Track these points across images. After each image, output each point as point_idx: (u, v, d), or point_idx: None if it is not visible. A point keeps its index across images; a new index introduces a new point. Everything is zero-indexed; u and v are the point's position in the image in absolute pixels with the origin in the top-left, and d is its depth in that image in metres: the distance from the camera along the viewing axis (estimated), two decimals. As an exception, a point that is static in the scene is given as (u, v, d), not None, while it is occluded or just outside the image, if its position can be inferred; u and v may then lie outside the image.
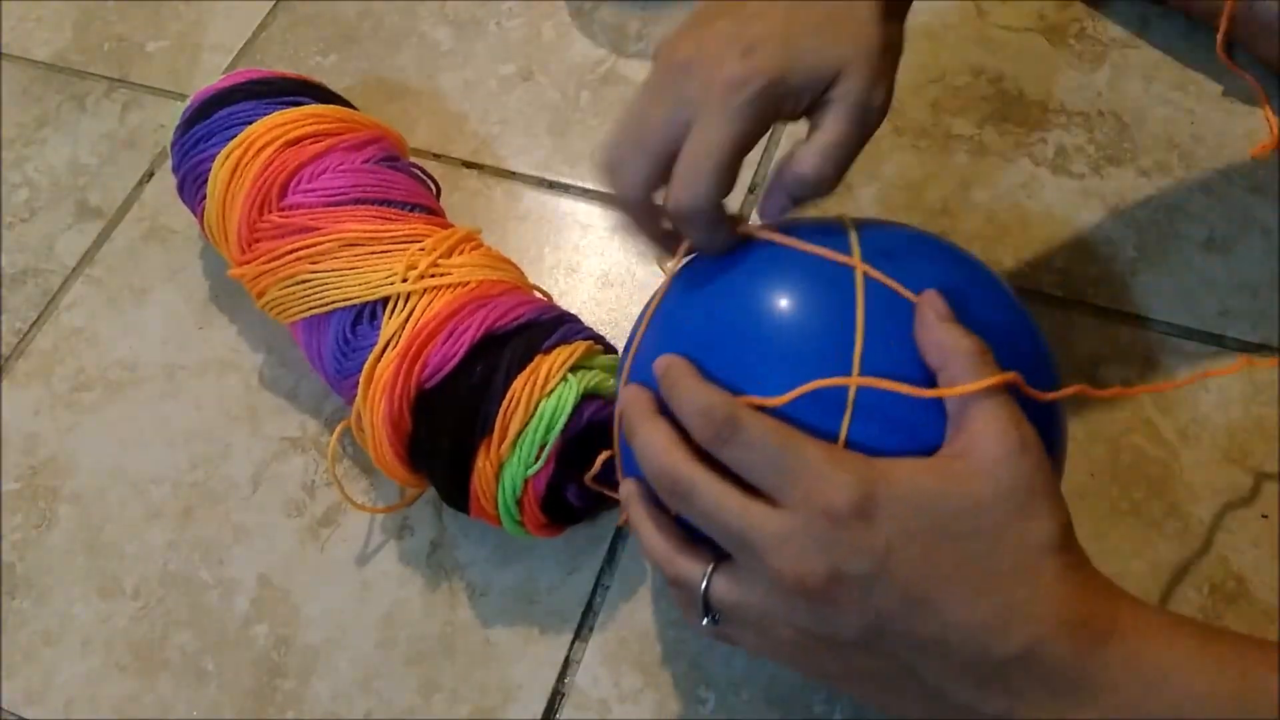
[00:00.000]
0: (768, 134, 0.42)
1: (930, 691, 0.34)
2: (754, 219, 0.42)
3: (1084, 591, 0.33)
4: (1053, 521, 0.33)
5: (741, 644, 0.38)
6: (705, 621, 0.37)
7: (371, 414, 0.47)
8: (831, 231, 0.39)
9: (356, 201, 0.52)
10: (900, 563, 0.32)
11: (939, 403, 0.35)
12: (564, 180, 0.64)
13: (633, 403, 0.38)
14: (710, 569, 0.36)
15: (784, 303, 0.37)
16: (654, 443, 0.36)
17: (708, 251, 0.40)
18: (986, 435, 0.33)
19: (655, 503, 0.38)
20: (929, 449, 0.34)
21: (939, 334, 0.35)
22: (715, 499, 0.35)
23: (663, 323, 0.41)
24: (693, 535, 0.37)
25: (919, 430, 0.35)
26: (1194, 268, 0.56)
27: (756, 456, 0.34)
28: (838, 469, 0.33)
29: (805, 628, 0.34)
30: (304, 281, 0.51)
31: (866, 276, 0.37)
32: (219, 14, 0.75)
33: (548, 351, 0.47)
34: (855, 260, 0.37)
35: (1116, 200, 0.59)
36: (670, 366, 0.37)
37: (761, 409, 0.35)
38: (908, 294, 0.36)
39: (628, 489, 0.40)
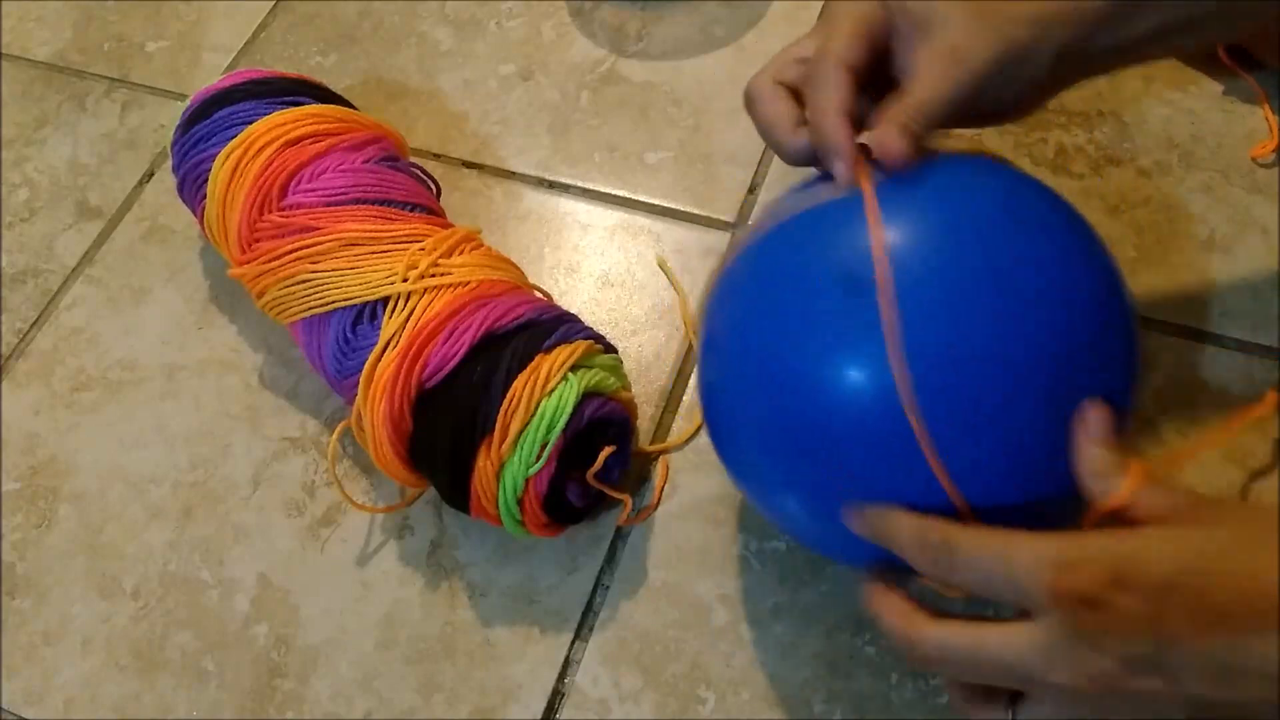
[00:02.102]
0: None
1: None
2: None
3: None
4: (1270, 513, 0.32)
5: None
6: None
7: (372, 414, 0.47)
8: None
9: (356, 201, 0.52)
10: (1176, 619, 0.30)
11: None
12: (564, 180, 0.64)
13: (873, 593, 0.38)
14: (1010, 711, 0.35)
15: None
16: (890, 622, 0.36)
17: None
18: (1154, 491, 0.33)
19: None
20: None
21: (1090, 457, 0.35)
22: (968, 650, 0.33)
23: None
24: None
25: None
26: (1194, 268, 0.56)
27: (983, 573, 0.33)
28: (1068, 553, 0.31)
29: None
30: (304, 281, 0.51)
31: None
32: (219, 14, 0.75)
33: (548, 351, 0.47)
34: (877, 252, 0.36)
35: (1116, 200, 0.59)
36: (869, 515, 0.37)
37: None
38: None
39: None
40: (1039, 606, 0.32)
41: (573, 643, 0.50)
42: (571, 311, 0.51)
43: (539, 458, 0.46)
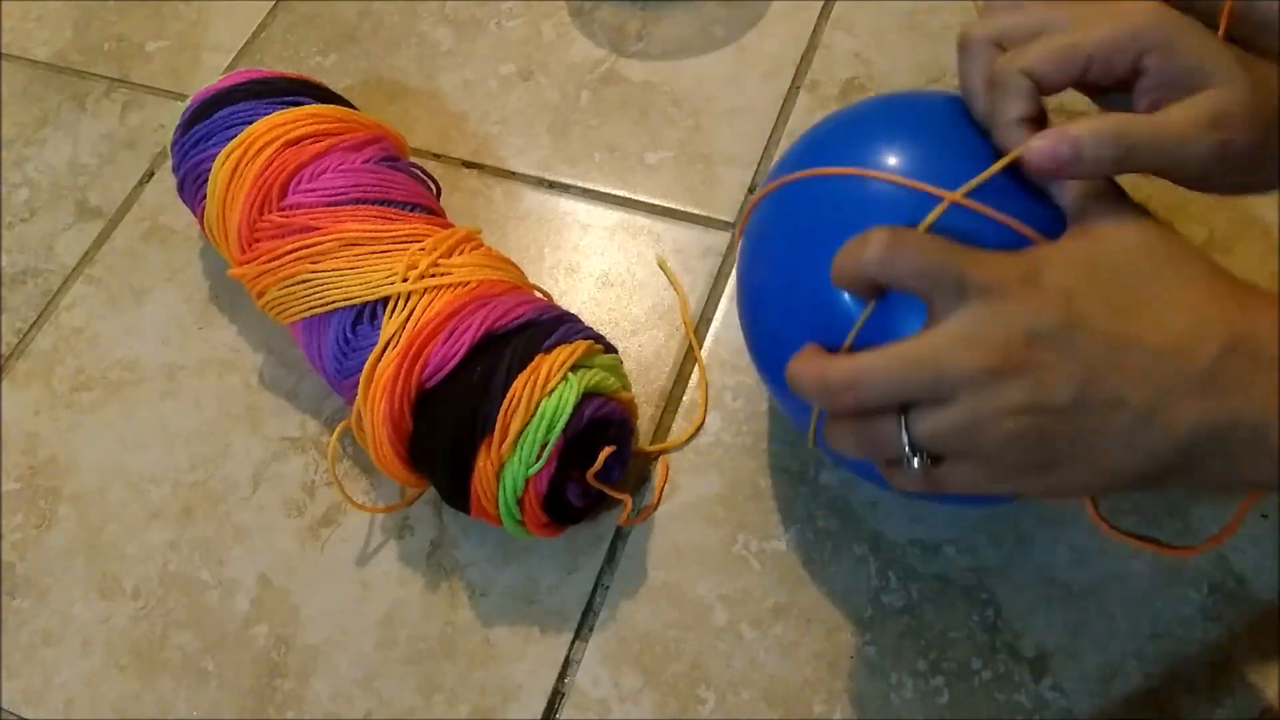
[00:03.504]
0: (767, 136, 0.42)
1: (1142, 427, 0.33)
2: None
3: (1256, 293, 0.34)
4: (1207, 256, 0.34)
5: (954, 481, 0.37)
6: (916, 464, 0.36)
7: (372, 414, 0.47)
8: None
9: (356, 201, 0.52)
10: (1085, 308, 0.33)
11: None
12: (564, 180, 0.64)
13: (789, 365, 0.38)
14: (905, 412, 0.36)
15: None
16: (805, 371, 0.37)
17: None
18: (1118, 214, 0.35)
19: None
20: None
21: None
22: (879, 361, 0.35)
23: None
24: None
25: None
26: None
27: (922, 264, 0.34)
28: (994, 255, 0.34)
29: (1018, 409, 0.33)
30: (304, 281, 0.51)
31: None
32: (219, 14, 0.75)
33: (548, 351, 0.47)
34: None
35: (1116, 200, 0.59)
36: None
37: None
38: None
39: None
40: (964, 299, 0.34)
41: (573, 643, 0.50)
42: (571, 311, 0.51)
43: (539, 458, 0.46)
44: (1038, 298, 0.34)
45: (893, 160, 0.40)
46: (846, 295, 0.39)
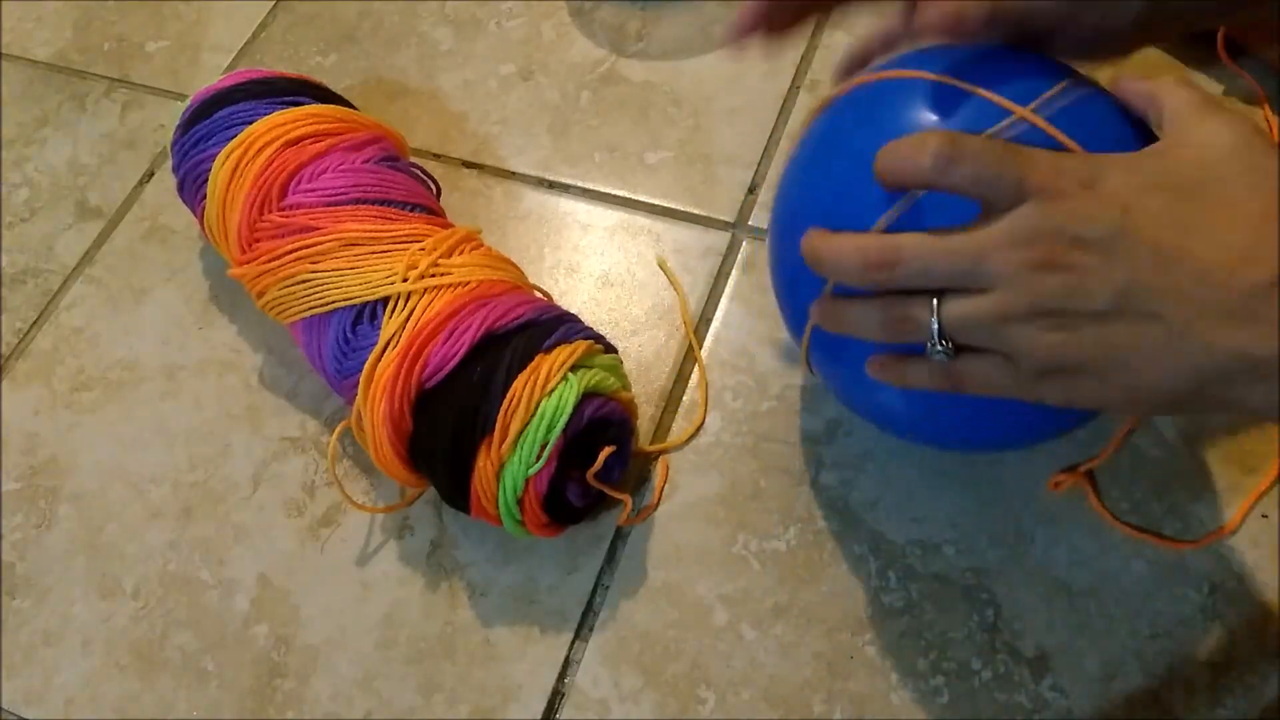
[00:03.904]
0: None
1: (1174, 345, 0.33)
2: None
3: None
4: None
5: (974, 377, 0.37)
6: (940, 349, 0.36)
7: (372, 414, 0.47)
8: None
9: (356, 201, 0.52)
10: (1141, 218, 0.33)
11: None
12: (564, 180, 0.64)
13: (810, 238, 0.38)
14: (937, 296, 0.36)
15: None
16: (840, 243, 0.37)
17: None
18: (1209, 123, 0.34)
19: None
20: None
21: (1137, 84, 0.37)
22: (927, 240, 0.35)
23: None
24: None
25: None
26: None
27: (981, 168, 0.34)
28: (1056, 158, 0.34)
29: (1053, 308, 0.34)
30: (304, 281, 0.51)
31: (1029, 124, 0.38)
32: (219, 14, 0.75)
33: (548, 351, 0.47)
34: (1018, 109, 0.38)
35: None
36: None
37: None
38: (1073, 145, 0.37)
39: (817, 306, 0.40)
40: (1021, 197, 0.34)
41: (573, 643, 0.50)
42: (571, 311, 0.51)
43: (539, 458, 0.46)
44: (1092, 202, 0.33)
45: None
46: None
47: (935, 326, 0.35)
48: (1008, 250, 0.34)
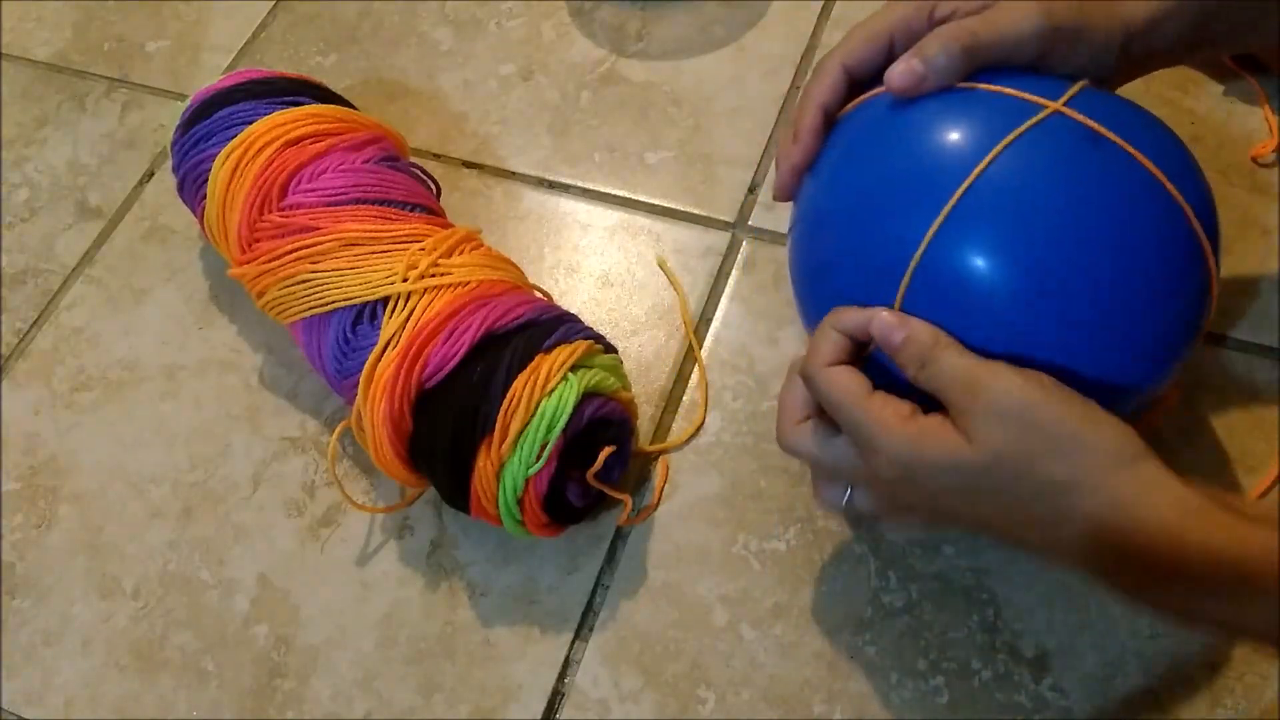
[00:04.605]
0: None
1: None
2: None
3: (1124, 531, 0.35)
4: (1074, 460, 0.36)
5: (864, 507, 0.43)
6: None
7: (372, 414, 0.47)
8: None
9: (356, 201, 0.52)
10: (949, 506, 0.39)
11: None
12: (564, 180, 0.64)
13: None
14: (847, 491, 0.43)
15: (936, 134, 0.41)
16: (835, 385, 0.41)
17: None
18: (995, 391, 0.37)
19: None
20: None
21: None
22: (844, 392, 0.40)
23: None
24: None
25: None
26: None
27: (836, 410, 0.40)
28: (885, 443, 0.38)
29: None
30: (304, 281, 0.51)
31: (1060, 115, 0.39)
32: (219, 14, 0.75)
33: (548, 351, 0.47)
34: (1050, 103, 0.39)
35: (1116, 200, 0.59)
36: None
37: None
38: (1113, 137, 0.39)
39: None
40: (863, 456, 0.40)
41: (573, 643, 0.50)
42: (571, 311, 0.51)
43: (539, 458, 0.46)
44: (912, 491, 0.39)
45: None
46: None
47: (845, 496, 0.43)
48: (878, 472, 0.39)
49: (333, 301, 0.50)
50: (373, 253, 0.50)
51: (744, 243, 0.60)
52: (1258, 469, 0.50)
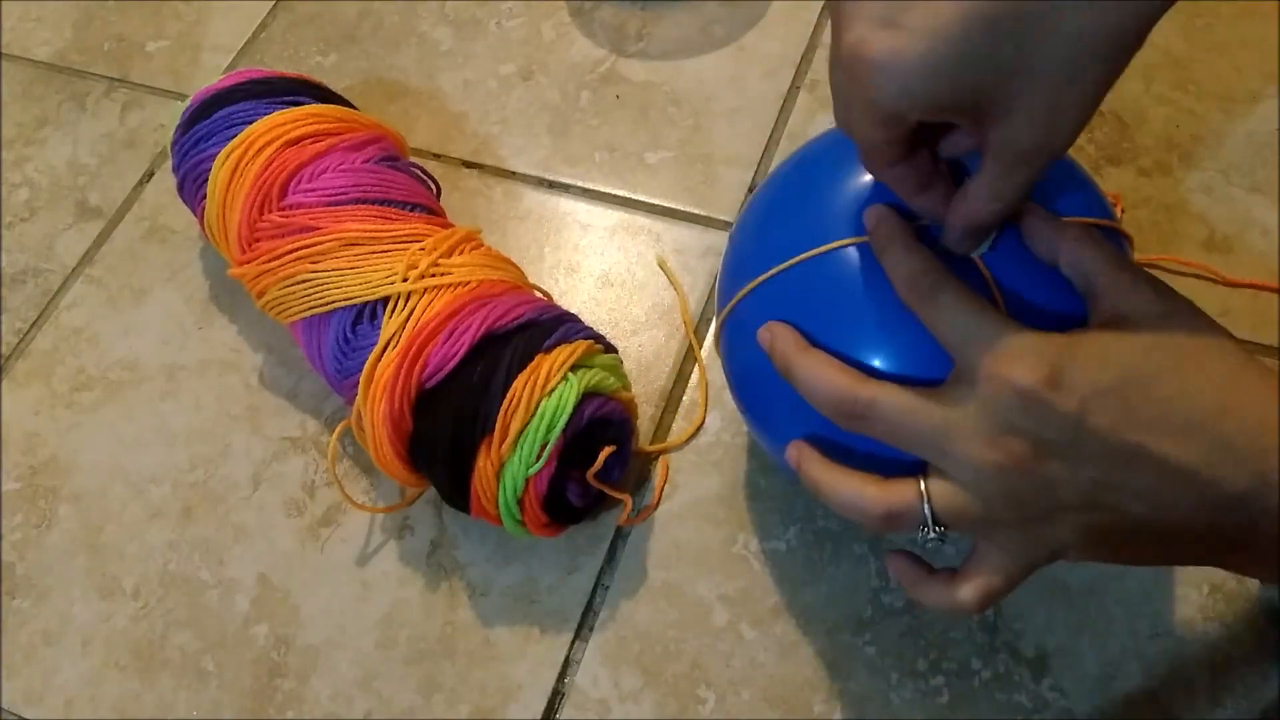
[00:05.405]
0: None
1: (1166, 532, 0.33)
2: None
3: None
4: (1231, 346, 0.33)
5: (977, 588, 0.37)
6: (933, 538, 0.35)
7: (372, 414, 0.47)
8: None
9: (356, 201, 0.52)
10: (1099, 420, 0.32)
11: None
12: (564, 180, 0.64)
13: (781, 339, 0.37)
14: (924, 479, 0.35)
15: None
16: (817, 370, 0.36)
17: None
18: (1137, 295, 0.34)
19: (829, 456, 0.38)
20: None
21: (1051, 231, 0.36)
22: (900, 404, 0.34)
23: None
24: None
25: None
26: (1193, 268, 0.56)
27: (952, 321, 0.34)
28: (1025, 347, 0.33)
29: (1028, 503, 0.34)
30: (304, 281, 0.51)
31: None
32: (219, 14, 0.75)
33: (548, 351, 0.47)
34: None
35: (1116, 200, 0.59)
36: (880, 221, 0.37)
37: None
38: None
39: (797, 452, 0.39)
40: (983, 377, 0.33)
41: (573, 643, 0.50)
42: (571, 311, 0.51)
43: (539, 458, 0.46)
44: (1052, 407, 0.32)
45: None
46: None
47: (927, 513, 0.35)
48: (974, 443, 0.33)
49: (333, 301, 0.50)
50: (373, 252, 0.50)
51: (744, 243, 0.60)
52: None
